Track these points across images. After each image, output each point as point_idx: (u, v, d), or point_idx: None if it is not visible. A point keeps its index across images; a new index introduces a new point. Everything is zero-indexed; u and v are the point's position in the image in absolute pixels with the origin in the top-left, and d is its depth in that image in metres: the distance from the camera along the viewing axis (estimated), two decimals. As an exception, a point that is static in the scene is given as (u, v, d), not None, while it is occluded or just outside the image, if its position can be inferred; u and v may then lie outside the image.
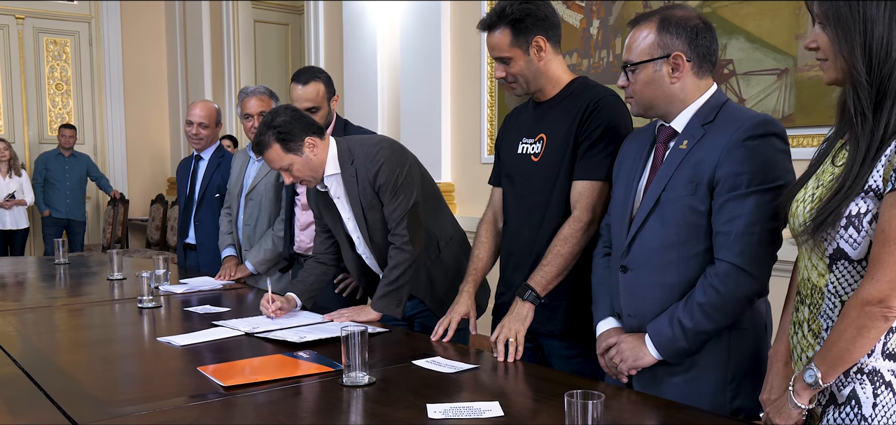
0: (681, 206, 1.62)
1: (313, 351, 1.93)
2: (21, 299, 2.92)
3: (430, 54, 4.98)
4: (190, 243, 3.44)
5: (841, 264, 1.31)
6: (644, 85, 1.67)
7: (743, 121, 1.59)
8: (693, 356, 1.65)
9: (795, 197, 1.39)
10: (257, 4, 7.35)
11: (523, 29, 1.99)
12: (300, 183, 2.39)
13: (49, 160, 6.87)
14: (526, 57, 2.00)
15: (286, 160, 2.29)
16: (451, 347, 2.00)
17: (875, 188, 1.25)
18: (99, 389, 1.65)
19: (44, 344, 2.12)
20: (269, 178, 3.10)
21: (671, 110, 1.69)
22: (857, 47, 1.23)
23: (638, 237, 1.70)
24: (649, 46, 1.65)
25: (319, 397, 1.61)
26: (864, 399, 1.30)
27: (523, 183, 2.09)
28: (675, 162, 1.65)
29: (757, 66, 3.27)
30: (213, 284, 2.99)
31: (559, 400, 1.52)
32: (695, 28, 1.65)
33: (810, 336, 1.37)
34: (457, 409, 1.46)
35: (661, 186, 1.65)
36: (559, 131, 2.01)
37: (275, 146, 2.27)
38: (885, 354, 1.29)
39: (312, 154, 2.31)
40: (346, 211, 2.42)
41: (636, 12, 3.75)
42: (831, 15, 1.26)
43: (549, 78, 2.04)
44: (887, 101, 1.22)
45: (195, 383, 1.66)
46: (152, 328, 2.30)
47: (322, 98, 2.76)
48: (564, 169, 2.00)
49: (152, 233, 7.47)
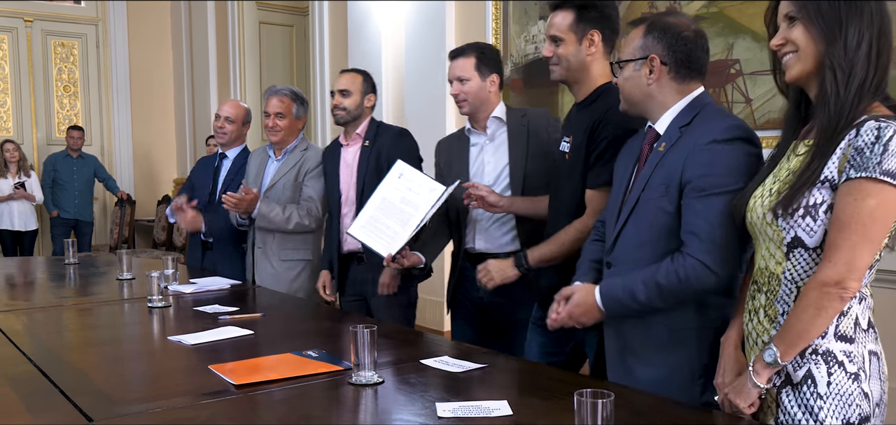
0: (653, 207, 1.69)
1: (322, 350, 1.95)
2: (32, 298, 2.95)
3: (434, 55, 5.01)
4: (207, 241, 3.45)
5: (797, 252, 1.41)
6: (624, 81, 1.78)
7: (714, 125, 1.64)
8: (666, 352, 1.70)
9: (754, 193, 1.49)
10: (262, 6, 7.39)
11: (585, 18, 2.10)
12: (462, 104, 2.54)
13: (57, 161, 6.92)
14: (577, 44, 2.10)
15: (469, 73, 2.51)
16: (459, 346, 2.02)
17: (830, 179, 1.36)
18: (112, 387, 1.67)
19: (56, 343, 2.14)
20: (288, 177, 3.15)
21: (651, 110, 1.76)
22: (838, 38, 1.37)
23: (620, 235, 1.77)
24: (634, 47, 1.75)
25: (329, 396, 1.63)
26: (820, 378, 1.39)
27: (557, 180, 2.25)
28: (653, 163, 1.72)
29: (764, 66, 3.27)
30: (222, 284, 3.01)
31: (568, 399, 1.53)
32: (678, 35, 1.72)
33: (766, 321, 1.46)
34: (466, 408, 1.48)
35: (640, 187, 1.73)
36: (580, 134, 2.12)
37: (471, 58, 2.51)
38: (838, 336, 1.40)
39: (491, 87, 2.54)
40: (489, 158, 2.55)
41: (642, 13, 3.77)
42: (812, 11, 1.40)
43: (589, 73, 2.13)
44: (851, 84, 1.36)
45: (207, 381, 1.68)
46: (162, 327, 2.32)
47: (358, 87, 2.94)
48: (578, 171, 2.10)
49: (159, 234, 7.50)
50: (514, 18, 4.51)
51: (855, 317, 1.40)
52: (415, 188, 2.56)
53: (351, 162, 2.94)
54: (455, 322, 2.71)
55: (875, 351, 1.43)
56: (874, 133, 1.31)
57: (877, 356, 1.43)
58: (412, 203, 2.54)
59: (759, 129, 3.24)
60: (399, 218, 2.54)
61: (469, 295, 2.62)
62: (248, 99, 7.41)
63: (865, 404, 1.39)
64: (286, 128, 3.16)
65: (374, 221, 2.58)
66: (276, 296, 2.96)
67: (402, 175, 2.61)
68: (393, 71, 5.38)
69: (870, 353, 1.41)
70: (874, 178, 1.30)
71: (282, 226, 3.07)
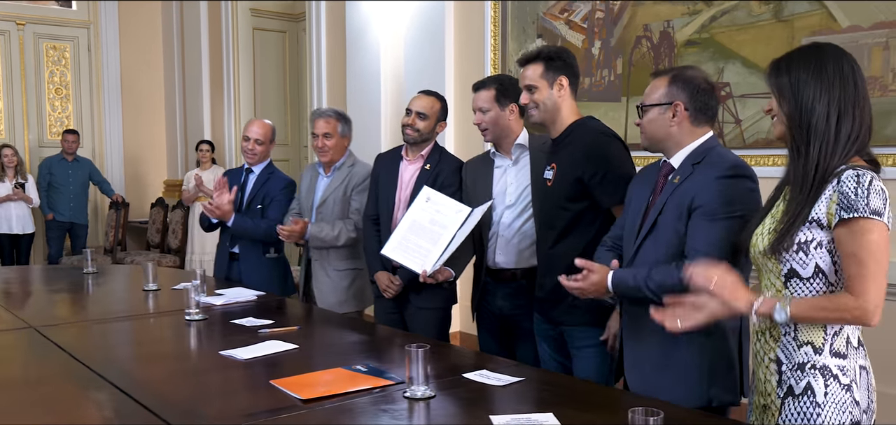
0: (669, 229, 2.01)
1: (371, 363, 2.13)
2: (79, 313, 3.07)
3: (433, 64, 5.12)
4: (234, 252, 3.61)
5: (794, 281, 1.66)
6: (649, 122, 2.08)
7: (721, 163, 1.98)
8: (676, 357, 2.00)
9: (755, 231, 1.75)
10: (256, 12, 7.48)
11: (553, 67, 2.48)
12: (484, 133, 2.76)
13: (53, 165, 6.96)
14: (549, 89, 2.47)
15: (489, 104, 2.72)
16: (497, 360, 2.20)
17: (818, 219, 1.61)
18: (190, 402, 1.83)
19: (117, 357, 2.28)
20: (337, 192, 3.34)
21: (669, 148, 2.07)
22: (797, 109, 1.65)
23: (639, 252, 2.08)
24: (659, 94, 2.06)
25: (391, 410, 1.80)
26: (818, 389, 1.64)
27: (542, 202, 2.60)
28: (668, 192, 2.03)
29: (753, 89, 3.52)
30: (248, 295, 3.16)
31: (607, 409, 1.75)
32: (698, 87, 2.04)
33: (772, 341, 1.72)
34: (518, 420, 1.66)
35: (657, 212, 2.04)
36: (564, 164, 2.47)
37: (491, 90, 2.73)
38: (833, 353, 1.65)
39: (510, 116, 2.73)
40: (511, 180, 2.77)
41: (636, 36, 4.00)
42: (780, 85, 1.69)
43: (561, 113, 2.50)
44: (813, 144, 1.63)
45: (274, 396, 1.84)
46: (209, 341, 2.47)
47: (435, 113, 3.07)
48: (562, 195, 2.45)
49: (153, 237, 7.58)
50: (512, 36, 4.70)
51: (846, 336, 1.66)
52: (442, 210, 2.79)
53: (408, 179, 3.08)
54: (479, 332, 2.93)
55: (864, 366, 1.68)
56: (854, 180, 1.58)
57: (866, 370, 1.69)
58: (440, 223, 2.77)
59: (748, 148, 3.50)
60: (429, 237, 2.76)
61: (491, 307, 2.83)
62: (242, 104, 7.51)
63: (856, 410, 1.64)
64: (333, 148, 3.34)
65: (405, 242, 2.80)
66: (303, 308, 3.12)
67: (430, 199, 2.83)
68: (392, 81, 5.50)
69: (860, 367, 1.67)
70: (866, 217, 1.56)
71: (333, 243, 3.26)
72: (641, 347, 2.09)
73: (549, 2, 4.46)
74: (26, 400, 1.89)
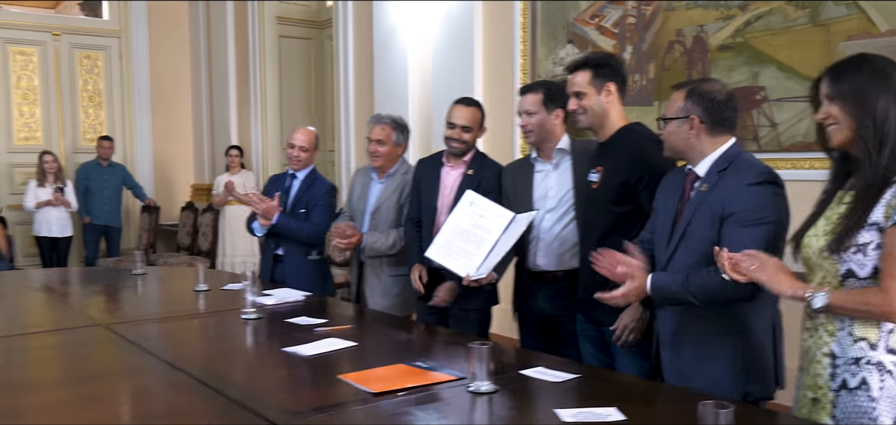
0: (701, 236, 2.08)
1: (430, 359, 2.21)
2: (141, 311, 3.20)
3: (462, 69, 5.17)
4: (278, 254, 3.71)
5: (850, 281, 1.73)
6: (669, 134, 2.20)
7: (748, 171, 2.06)
8: (713, 355, 2.09)
9: (806, 233, 1.82)
10: (282, 20, 7.61)
11: (601, 73, 2.55)
12: (528, 134, 2.85)
13: (89, 170, 7.14)
14: (597, 95, 2.54)
15: (536, 108, 2.81)
16: (550, 358, 2.27)
17: (877, 222, 1.68)
18: (272, 396, 1.91)
19: (195, 354, 2.38)
20: (391, 200, 3.43)
21: (692, 157, 2.17)
22: (868, 114, 1.71)
23: (672, 258, 2.16)
24: (677, 108, 2.17)
25: (459, 403, 1.88)
26: (873, 384, 1.70)
27: (586, 205, 2.68)
28: (697, 201, 2.12)
29: (789, 93, 3.57)
30: (296, 295, 3.25)
31: (668, 404, 1.82)
32: (712, 99, 2.12)
33: (827, 335, 1.77)
34: (584, 414, 1.73)
35: (687, 220, 2.13)
36: (611, 169, 2.54)
37: (539, 94, 2.82)
38: (888, 349, 1.71)
39: (555, 120, 2.82)
40: (552, 184, 2.84)
41: (668, 40, 4.06)
42: (847, 92, 1.74)
43: (609, 118, 2.57)
44: (884, 149, 1.70)
45: (346, 390, 1.92)
46: (271, 338, 2.56)
47: (477, 123, 3.15)
48: (608, 198, 2.53)
49: (183, 239, 7.72)
50: (542, 41, 4.77)
51: None
52: (485, 214, 2.86)
53: (451, 185, 3.16)
54: (521, 333, 3.00)
55: None
56: None
57: None
58: (484, 227, 2.84)
59: (784, 151, 3.55)
60: (473, 241, 2.84)
61: (532, 308, 2.91)
62: (268, 110, 7.64)
63: None
64: (386, 155, 3.42)
65: (449, 245, 2.88)
66: (350, 308, 3.21)
67: (473, 203, 2.91)
68: (419, 86, 5.56)
69: None
70: None
71: (388, 253, 3.35)
72: (679, 347, 2.18)
73: (582, 4, 4.52)
74: (119, 391, 2.02)
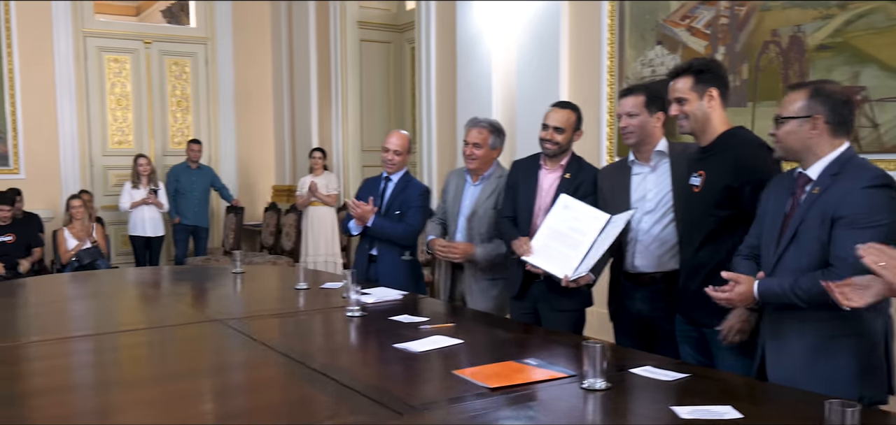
0: (812, 237, 2.08)
1: (538, 358, 2.26)
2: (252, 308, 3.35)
3: (547, 72, 5.16)
4: (372, 254, 3.84)
5: None
6: (786, 134, 2.16)
7: (863, 174, 2.05)
8: (826, 359, 2.07)
9: None
10: (363, 24, 7.79)
11: (703, 79, 2.55)
12: (628, 136, 2.85)
13: (179, 172, 7.47)
14: (699, 100, 2.55)
15: (638, 110, 2.81)
16: (658, 358, 2.30)
17: None
18: (390, 387, 2.00)
19: (310, 349, 2.48)
20: (488, 204, 3.48)
21: (807, 159, 2.15)
22: None
23: (782, 259, 2.15)
24: (798, 106, 2.14)
25: (574, 399, 1.92)
26: None
27: (688, 209, 2.66)
28: (809, 204, 2.11)
29: (891, 94, 3.48)
30: (394, 294, 3.35)
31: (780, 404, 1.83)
32: (839, 100, 2.12)
33: None
34: (700, 412, 1.76)
35: (798, 222, 2.12)
36: (714, 173, 2.52)
37: (641, 97, 2.83)
38: None
39: (656, 123, 2.83)
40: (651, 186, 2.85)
41: (763, 41, 4.00)
42: None
43: (711, 123, 2.56)
44: None
45: (462, 384, 1.99)
46: (379, 335, 2.63)
47: (571, 125, 3.19)
48: (710, 202, 2.51)
49: (267, 239, 7.99)
50: (630, 43, 4.76)
51: None
52: (580, 217, 2.91)
53: (548, 187, 3.21)
54: (617, 334, 3.02)
55: None
56: None
57: None
58: (579, 230, 2.89)
59: (887, 152, 3.47)
60: (570, 243, 2.88)
61: (629, 310, 2.93)
62: (349, 114, 7.84)
63: None
64: (481, 158, 3.48)
65: (546, 249, 2.93)
66: (443, 305, 3.28)
67: (568, 206, 2.96)
68: (503, 89, 5.60)
69: None
70: None
71: (498, 261, 3.42)
72: (787, 351, 2.16)
73: (673, 4, 4.49)
74: (247, 382, 2.15)
